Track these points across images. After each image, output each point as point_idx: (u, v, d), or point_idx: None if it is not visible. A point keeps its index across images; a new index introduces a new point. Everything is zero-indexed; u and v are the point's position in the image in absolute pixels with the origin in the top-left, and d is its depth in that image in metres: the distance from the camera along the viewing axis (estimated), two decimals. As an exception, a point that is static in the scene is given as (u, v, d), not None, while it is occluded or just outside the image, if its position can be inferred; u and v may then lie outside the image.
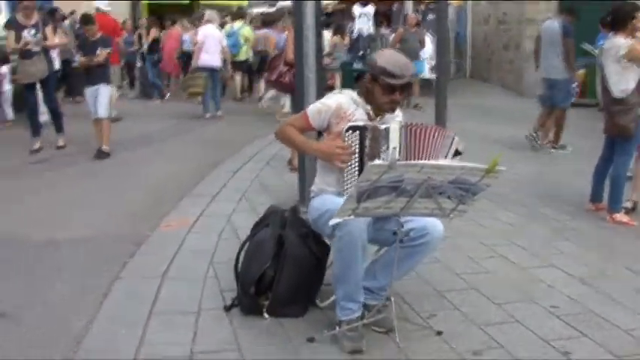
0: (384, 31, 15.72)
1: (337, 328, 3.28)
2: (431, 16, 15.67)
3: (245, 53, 14.77)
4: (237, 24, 14.91)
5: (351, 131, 3.31)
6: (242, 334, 3.36)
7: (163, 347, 3.21)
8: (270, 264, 3.50)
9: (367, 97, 3.42)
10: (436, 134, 3.39)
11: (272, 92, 11.62)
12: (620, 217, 5.51)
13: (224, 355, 3.16)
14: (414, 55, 12.95)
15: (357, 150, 3.32)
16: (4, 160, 8.10)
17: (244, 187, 6.52)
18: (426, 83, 13.66)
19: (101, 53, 8.33)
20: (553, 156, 8.68)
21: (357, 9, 15.84)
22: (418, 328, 3.47)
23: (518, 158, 8.38)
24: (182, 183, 6.79)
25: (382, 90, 3.32)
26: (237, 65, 14.79)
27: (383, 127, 3.31)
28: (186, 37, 14.30)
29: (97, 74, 8.40)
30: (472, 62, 18.80)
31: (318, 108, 3.46)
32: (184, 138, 10.17)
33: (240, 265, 3.67)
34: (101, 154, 8.25)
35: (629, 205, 5.70)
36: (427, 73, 13.78)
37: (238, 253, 3.70)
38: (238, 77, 15.20)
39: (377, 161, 2.99)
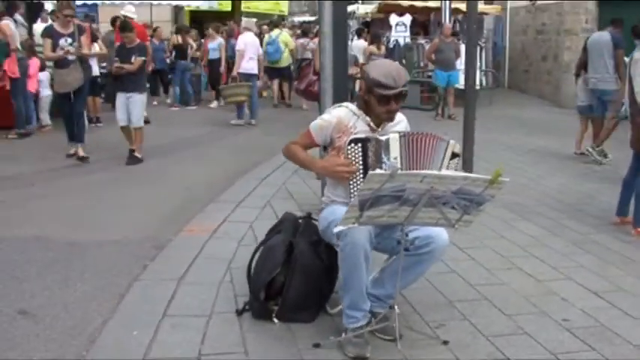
0: (420, 40, 15.72)
1: (343, 335, 3.34)
2: (468, 26, 15.62)
3: (286, 60, 15.00)
4: (275, 32, 15.15)
5: (353, 144, 3.36)
6: (250, 338, 3.44)
7: (172, 348, 3.31)
8: (280, 270, 3.57)
9: (365, 108, 3.48)
10: (433, 142, 3.42)
11: None
12: (646, 230, 5.43)
13: (230, 357, 3.24)
14: (449, 65, 12.95)
15: (360, 162, 3.37)
16: (37, 164, 8.33)
17: (270, 194, 6.60)
18: (461, 93, 13.58)
19: (136, 61, 8.42)
20: (585, 168, 8.56)
21: (394, 18, 15.89)
22: (425, 338, 3.50)
23: (547, 170, 8.34)
24: (211, 189, 6.92)
25: (378, 101, 3.37)
26: (278, 72, 15.01)
27: (383, 138, 3.36)
28: (211, 45, 14.53)
29: (130, 82, 8.46)
30: (510, 73, 18.64)
31: (320, 124, 3.55)
32: (218, 144, 10.33)
33: (252, 270, 3.75)
34: (133, 160, 8.41)
35: None
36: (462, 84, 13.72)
37: (251, 259, 3.78)
38: (276, 84, 15.38)
39: (378, 170, 3.04)
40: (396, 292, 3.30)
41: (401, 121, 3.60)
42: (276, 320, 3.59)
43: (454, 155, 3.41)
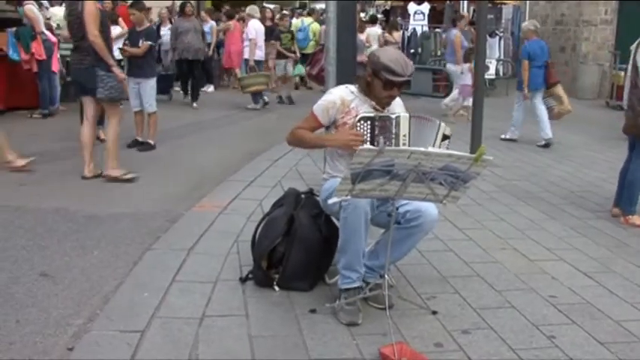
0: (438, 29, 15.83)
1: (337, 301, 3.58)
2: (488, 16, 15.67)
3: (312, 47, 15.38)
4: (307, 20, 15.51)
5: (362, 121, 3.60)
6: (252, 302, 3.70)
7: (179, 309, 3.58)
8: (281, 240, 3.83)
9: (367, 90, 3.70)
10: (427, 120, 3.67)
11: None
12: (634, 219, 5.57)
13: (231, 318, 3.50)
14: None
15: (368, 138, 3.60)
16: (58, 143, 8.59)
17: (281, 174, 6.84)
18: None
19: (143, 45, 8.23)
20: (593, 158, 8.70)
21: (412, 7, 16.02)
22: (415, 308, 3.73)
23: (556, 158, 8.49)
24: (224, 169, 7.17)
25: (383, 85, 3.60)
26: (304, 57, 15.35)
27: (394, 116, 3.60)
28: (206, 28, 14.58)
29: (136, 67, 8.34)
30: (528, 63, 18.66)
31: (325, 105, 3.75)
32: (233, 127, 10.59)
33: (256, 239, 4.00)
34: (147, 147, 8.43)
35: None
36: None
37: (255, 230, 4.04)
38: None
39: (367, 146, 3.26)
40: (386, 262, 3.52)
41: (396, 101, 3.83)
42: (276, 288, 3.84)
43: (445, 137, 3.63)
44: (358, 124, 3.61)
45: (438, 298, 3.89)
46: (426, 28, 15.71)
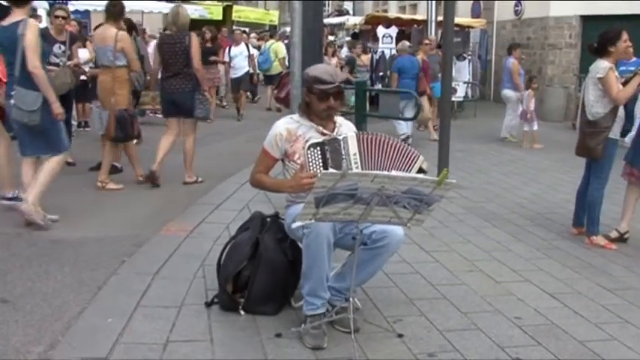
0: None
1: (303, 325, 3.56)
2: (456, 39, 15.87)
3: (276, 68, 15.55)
4: (268, 43, 15.69)
5: (312, 148, 3.59)
6: (217, 327, 3.66)
7: (143, 334, 3.53)
8: (246, 264, 3.80)
9: (307, 111, 3.75)
10: (394, 145, 3.66)
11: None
12: (598, 239, 5.64)
13: (196, 344, 3.46)
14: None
15: (320, 163, 3.59)
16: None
17: (249, 197, 6.80)
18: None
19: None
20: (559, 179, 8.81)
21: (380, 30, 16.18)
22: (382, 331, 3.72)
23: (522, 180, 8.59)
24: (192, 192, 7.14)
25: (318, 98, 3.65)
26: (269, 79, 15.49)
27: (341, 137, 3.61)
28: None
29: (93, 88, 8.19)
30: (496, 86, 18.91)
31: (273, 140, 3.78)
32: (202, 150, 10.37)
33: (221, 263, 3.97)
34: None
35: (612, 235, 5.75)
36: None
37: (221, 254, 4.01)
38: (269, 90, 15.78)
39: (331, 170, 3.27)
40: (352, 285, 3.52)
41: (344, 123, 3.88)
42: (242, 312, 3.81)
43: (421, 171, 3.64)
44: (308, 152, 3.60)
45: (405, 321, 3.89)
46: (394, 51, 15.81)
